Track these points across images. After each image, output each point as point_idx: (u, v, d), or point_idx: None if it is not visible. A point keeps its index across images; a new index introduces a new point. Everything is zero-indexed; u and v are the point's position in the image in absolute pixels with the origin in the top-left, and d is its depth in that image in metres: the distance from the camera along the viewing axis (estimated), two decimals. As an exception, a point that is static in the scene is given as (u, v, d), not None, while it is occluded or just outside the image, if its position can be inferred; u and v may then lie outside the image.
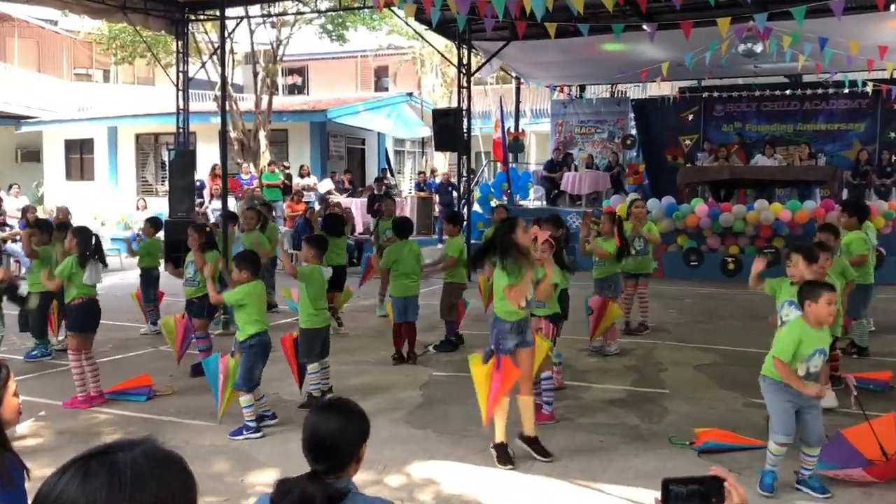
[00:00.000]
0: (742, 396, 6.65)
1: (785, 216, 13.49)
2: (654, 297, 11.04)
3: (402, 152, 28.12)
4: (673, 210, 14.35)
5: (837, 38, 13.51)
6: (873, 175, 16.05)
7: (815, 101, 18.15)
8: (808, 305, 4.56)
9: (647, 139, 19.66)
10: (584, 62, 17.66)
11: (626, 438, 5.75)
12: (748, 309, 10.70)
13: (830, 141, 17.89)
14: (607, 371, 7.76)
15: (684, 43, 13.75)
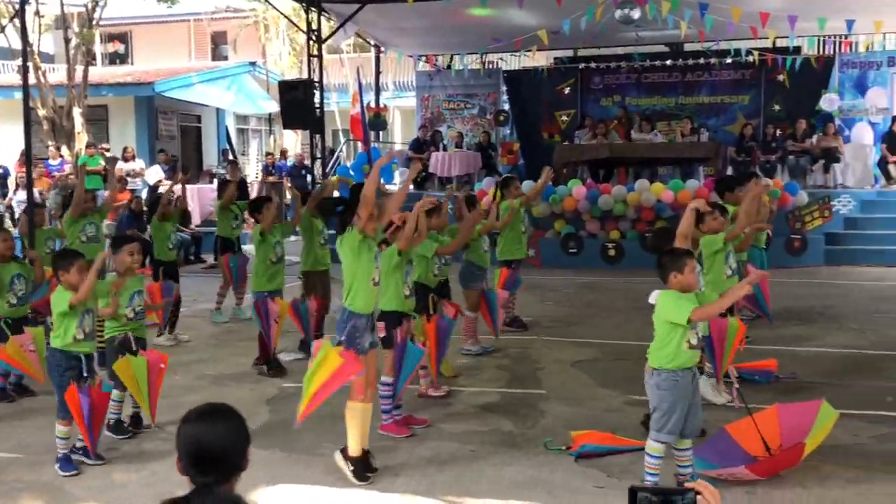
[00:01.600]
0: (622, 394, 6.91)
1: (667, 197, 14.08)
2: (530, 289, 11.34)
3: (245, 130, 27.55)
4: (549, 192, 14.71)
5: (718, 4, 14.21)
6: (758, 151, 16.99)
7: (697, 73, 19.04)
8: (674, 276, 4.77)
9: (522, 115, 20.09)
10: (450, 29, 17.82)
11: (500, 446, 5.86)
12: (631, 298, 11.11)
13: (714, 115, 18.81)
14: (479, 372, 7.88)
15: (557, 8, 14.14)
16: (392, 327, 5.98)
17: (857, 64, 17.96)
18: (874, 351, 8.47)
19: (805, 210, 14.24)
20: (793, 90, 17.85)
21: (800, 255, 14.08)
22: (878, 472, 5.21)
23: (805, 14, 14.66)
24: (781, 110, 18.10)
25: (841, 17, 15.11)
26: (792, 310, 10.23)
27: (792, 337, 8.99)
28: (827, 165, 16.43)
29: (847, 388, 7.14)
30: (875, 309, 10.58)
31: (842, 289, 12.12)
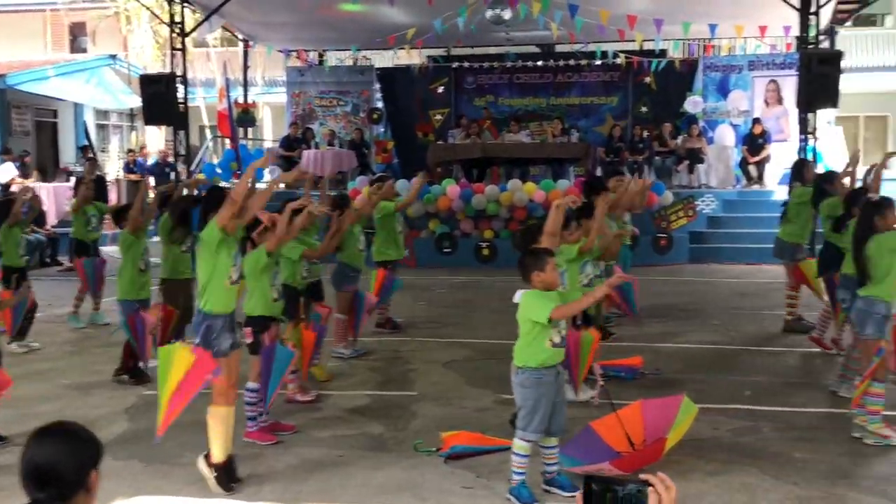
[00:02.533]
0: (493, 393, 7.01)
1: (539, 196, 14.37)
2: (404, 289, 11.33)
3: (106, 126, 26.59)
4: (424, 192, 14.77)
5: (588, 6, 14.59)
6: (626, 152, 17.54)
7: (568, 74, 19.51)
8: (537, 275, 4.88)
9: (396, 113, 20.13)
10: (321, 24, 17.70)
11: (369, 450, 5.86)
12: (504, 297, 11.22)
13: (584, 116, 19.33)
14: (350, 375, 7.85)
15: (430, 7, 14.24)
16: (259, 332, 5.89)
17: (720, 67, 18.77)
18: (734, 346, 8.89)
19: (670, 209, 14.78)
20: (659, 92, 18.52)
21: (665, 253, 14.62)
22: (735, 463, 5.46)
23: (671, 18, 15.24)
24: (648, 112, 18.75)
25: (704, 22, 15.81)
26: (657, 307, 10.61)
27: (657, 334, 9.33)
28: (691, 166, 17.12)
29: (709, 382, 7.46)
30: (735, 305, 11.09)
31: (705, 286, 12.66)
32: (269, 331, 5.95)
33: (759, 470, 5.35)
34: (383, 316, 9.67)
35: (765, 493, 5.02)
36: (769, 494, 5.00)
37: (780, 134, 17.69)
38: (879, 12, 26.83)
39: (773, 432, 6.14)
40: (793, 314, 9.44)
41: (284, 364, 6.01)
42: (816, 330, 8.53)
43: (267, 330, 5.93)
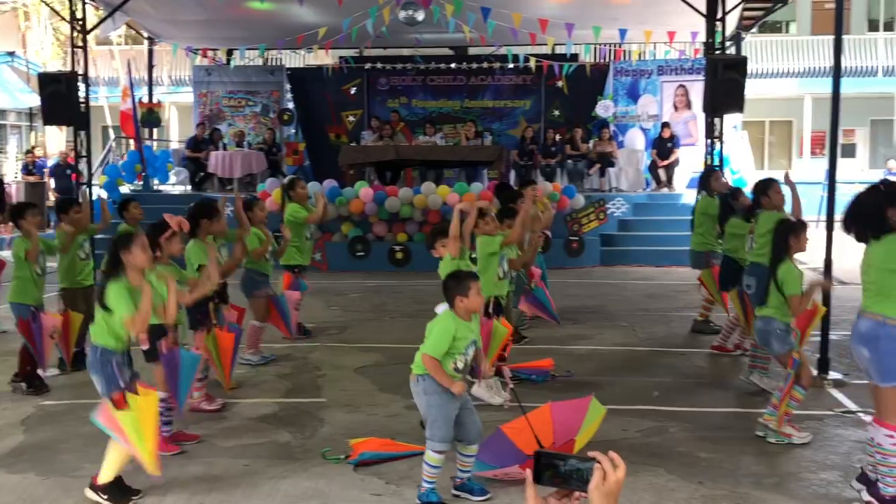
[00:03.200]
0: (404, 399, 6.96)
1: (453, 199, 14.38)
2: (316, 294, 11.26)
3: (3, 126, 25.71)
4: (336, 194, 14.69)
5: (500, 10, 14.71)
6: (539, 155, 17.73)
7: (481, 77, 19.64)
8: (460, 301, 4.87)
9: (307, 114, 19.96)
10: (229, 22, 17.43)
11: (276, 459, 5.77)
12: (417, 301, 11.28)
13: (497, 119, 19.49)
14: (258, 383, 7.73)
15: (340, 7, 14.16)
16: (157, 339, 5.75)
17: (630, 72, 19.14)
18: (643, 347, 9.06)
19: (582, 212, 14.99)
20: (571, 96, 18.80)
21: (577, 256, 14.83)
22: (643, 464, 5.55)
23: (581, 22, 15.47)
24: (561, 115, 19.01)
25: (614, 27, 16.08)
26: (569, 309, 10.73)
27: (568, 336, 9.44)
28: (602, 170, 17.41)
29: (618, 384, 7.58)
30: (645, 307, 11.30)
31: (615, 288, 12.88)
32: (167, 337, 5.81)
33: (666, 470, 5.45)
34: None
35: (671, 493, 5.11)
36: (675, 494, 5.10)
37: (688, 138, 18.13)
38: (784, 19, 27.81)
39: (680, 432, 6.26)
40: (704, 316, 9.67)
41: (191, 368, 5.90)
42: (719, 337, 8.75)
43: (163, 336, 5.79)
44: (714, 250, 9.35)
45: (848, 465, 5.48)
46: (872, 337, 4.67)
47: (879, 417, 4.74)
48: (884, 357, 4.62)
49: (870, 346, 4.68)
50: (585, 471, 1.81)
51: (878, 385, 4.71)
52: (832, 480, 5.31)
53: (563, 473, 1.83)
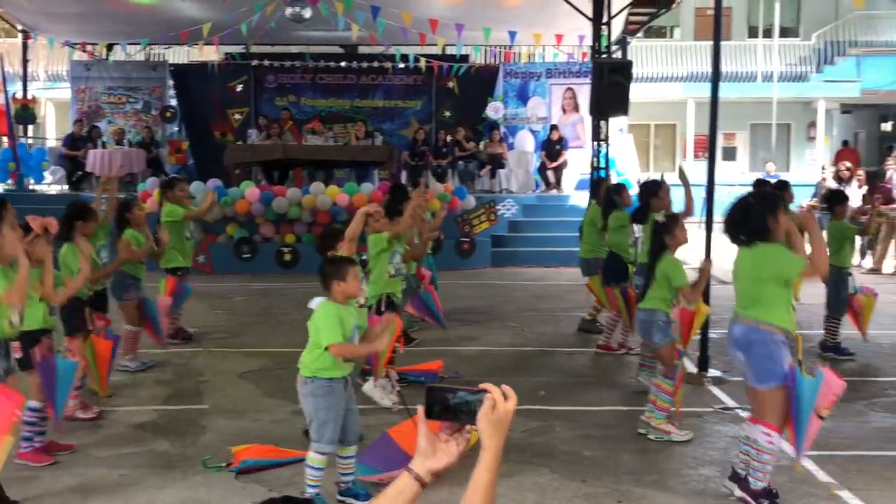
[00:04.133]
0: (289, 404, 6.88)
1: (342, 200, 14.33)
2: (199, 297, 11.03)
3: None
4: (221, 194, 14.41)
5: (390, 9, 14.72)
6: (430, 155, 17.80)
7: (371, 76, 19.58)
8: (337, 285, 4.85)
9: (191, 112, 19.51)
10: (109, 16, 16.95)
11: (154, 468, 5.62)
12: (305, 304, 11.13)
13: (388, 119, 19.46)
14: (136, 389, 7.52)
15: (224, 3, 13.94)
16: (29, 347, 5.53)
17: (520, 74, 19.40)
18: (531, 347, 9.20)
19: (473, 214, 15.08)
20: (462, 97, 18.94)
21: (468, 257, 14.95)
22: (527, 464, 5.63)
23: (471, 23, 15.61)
24: (451, 116, 19.11)
25: (504, 29, 16.28)
26: (459, 310, 10.83)
27: (458, 337, 9.51)
28: (493, 171, 17.59)
29: (507, 384, 7.64)
30: (533, 307, 11.48)
31: (505, 289, 13.03)
32: (41, 344, 5.60)
33: (550, 469, 5.54)
34: (174, 326, 9.30)
35: (554, 492, 5.20)
36: (558, 493, 5.20)
37: (576, 140, 18.49)
38: (668, 25, 28.64)
39: (565, 431, 6.38)
40: (592, 315, 9.87)
41: (69, 375, 5.71)
42: (603, 336, 8.96)
43: (37, 344, 5.58)
44: (602, 257, 9.57)
45: (726, 460, 5.67)
46: (747, 342, 4.84)
47: (757, 417, 4.91)
48: (759, 361, 4.80)
49: (745, 351, 4.86)
50: (474, 403, 1.81)
51: (755, 387, 4.89)
52: (710, 476, 5.49)
53: (452, 407, 1.83)
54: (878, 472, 5.56)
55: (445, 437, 1.86)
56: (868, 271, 14.61)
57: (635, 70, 16.27)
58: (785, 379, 4.73)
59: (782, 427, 4.83)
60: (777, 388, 4.75)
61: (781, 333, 4.78)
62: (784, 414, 4.79)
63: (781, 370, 4.73)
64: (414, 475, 1.84)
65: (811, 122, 28.07)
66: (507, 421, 1.80)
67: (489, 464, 1.80)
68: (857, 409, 6.90)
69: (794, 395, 4.70)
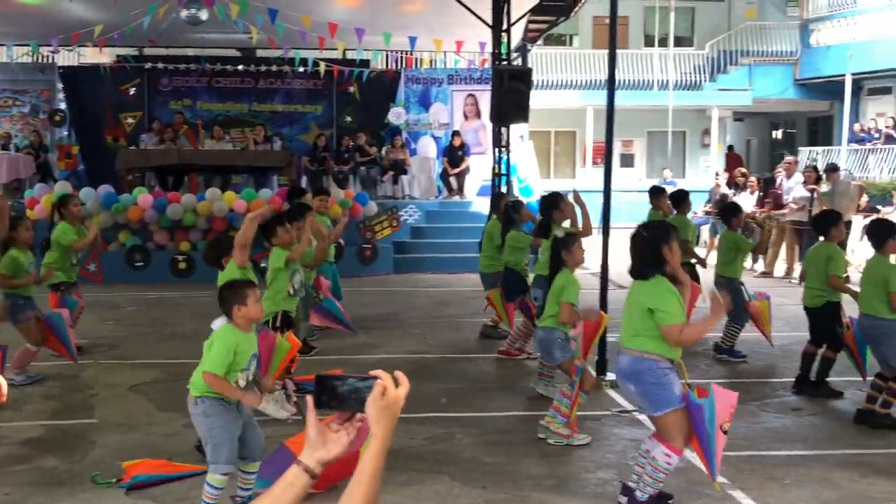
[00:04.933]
0: (182, 417, 6.69)
1: (240, 206, 14.09)
2: (89, 308, 10.67)
3: None
4: (112, 201, 14.03)
5: (289, 12, 14.57)
6: (331, 161, 17.69)
7: (270, 80, 19.33)
8: (238, 310, 4.74)
9: (81, 115, 18.95)
10: (-6, 16, 16.32)
11: (41, 486, 5.43)
12: (201, 313, 10.92)
13: (288, 123, 19.24)
14: (22, 404, 7.24)
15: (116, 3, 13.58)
16: None
17: (421, 80, 19.46)
18: (433, 354, 9.21)
19: (375, 220, 15.08)
20: (363, 102, 18.89)
21: (370, 264, 14.90)
22: (428, 472, 5.64)
23: (372, 28, 15.56)
24: (353, 122, 19.02)
25: (404, 34, 16.30)
26: (361, 318, 10.74)
27: (359, 345, 9.46)
28: (395, 177, 17.59)
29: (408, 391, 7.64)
30: (436, 314, 11.52)
31: (408, 296, 13.03)
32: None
33: (451, 477, 5.56)
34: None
35: (455, 500, 5.22)
36: (459, 500, 5.21)
37: (478, 147, 18.64)
38: (568, 33, 29.19)
39: (466, 438, 6.41)
40: (494, 322, 9.95)
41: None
42: (506, 342, 9.04)
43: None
44: (501, 271, 9.64)
45: (623, 463, 5.78)
46: (635, 372, 4.89)
47: (659, 437, 4.96)
48: (650, 389, 4.84)
49: (634, 381, 4.91)
50: (364, 389, 1.79)
51: (652, 415, 4.95)
52: (608, 479, 5.58)
53: (341, 395, 1.81)
54: (769, 471, 5.74)
55: (336, 426, 1.84)
56: (760, 275, 15.12)
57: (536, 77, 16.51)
58: (678, 402, 4.79)
59: (685, 447, 4.90)
60: (673, 412, 4.80)
61: (666, 361, 4.85)
62: (686, 433, 4.83)
63: (673, 394, 4.79)
64: (303, 467, 1.81)
65: (705, 130, 28.98)
66: (396, 407, 1.79)
67: (376, 451, 1.79)
68: (750, 409, 7.12)
69: (695, 420, 4.76)
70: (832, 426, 6.87)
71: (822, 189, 14.26)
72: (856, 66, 23.79)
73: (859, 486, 5.48)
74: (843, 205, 12.73)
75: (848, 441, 6.47)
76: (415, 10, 16.01)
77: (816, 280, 7.55)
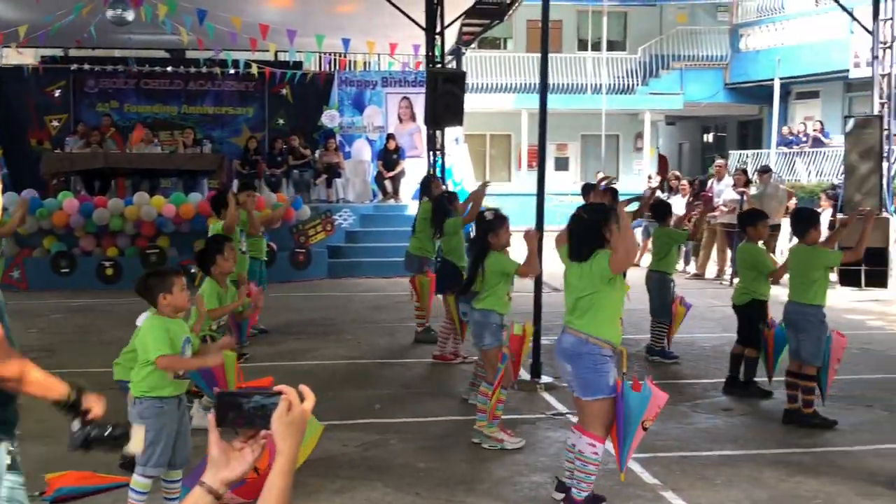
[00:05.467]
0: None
1: (169, 211, 13.89)
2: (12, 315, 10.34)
3: None
4: (37, 206, 13.70)
5: (218, 13, 14.41)
6: (263, 164, 17.53)
7: (200, 82, 19.07)
8: (163, 298, 4.67)
9: (4, 118, 18.44)
10: None
11: (-44, 503, 5.25)
12: (129, 321, 10.70)
13: (219, 126, 19.00)
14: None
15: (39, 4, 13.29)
16: None
17: (355, 82, 19.37)
18: (366, 360, 9.17)
19: (308, 224, 14.98)
20: (296, 105, 18.74)
21: (304, 268, 14.79)
22: (361, 479, 5.60)
23: (304, 29, 15.47)
24: (285, 124, 18.86)
25: (338, 36, 16.23)
26: (293, 323, 10.70)
27: (291, 351, 9.38)
28: (329, 180, 17.50)
29: (340, 398, 7.60)
30: (370, 319, 11.47)
31: (342, 301, 12.97)
32: None
33: (384, 483, 5.53)
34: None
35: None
36: (392, 507, 5.19)
37: (413, 150, 18.62)
38: (502, 36, 29.34)
39: (400, 444, 6.38)
40: (422, 325, 9.94)
41: None
42: (438, 346, 9.04)
43: None
44: (429, 257, 9.66)
45: (557, 465, 5.80)
46: (575, 353, 4.94)
47: (582, 426, 5.02)
48: (585, 373, 4.90)
49: (573, 362, 4.96)
50: (269, 406, 1.76)
51: (580, 398, 5.00)
52: (542, 482, 5.61)
53: (246, 412, 1.77)
54: (699, 471, 5.82)
55: (239, 444, 1.81)
56: (692, 276, 15.39)
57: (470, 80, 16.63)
58: (610, 392, 4.86)
59: (606, 437, 4.96)
60: (602, 400, 4.86)
61: (608, 348, 4.91)
62: (609, 424, 4.91)
63: (606, 383, 4.86)
64: (206, 487, 1.78)
65: (638, 133, 29.39)
66: (302, 422, 1.78)
67: (283, 468, 1.76)
68: (682, 410, 7.23)
69: (621, 411, 4.82)
70: (761, 426, 7.00)
71: (752, 192, 14.56)
72: (784, 71, 24.40)
73: (788, 486, 5.59)
74: (771, 207, 13.00)
75: (777, 440, 6.60)
76: (348, 11, 15.95)
77: (744, 279, 7.73)
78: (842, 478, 5.69)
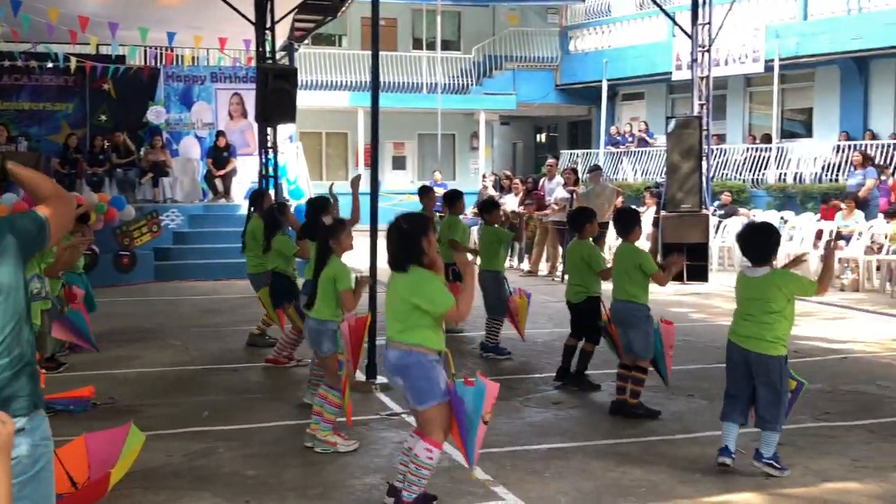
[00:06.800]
0: None
1: (-21, 213, 13.09)
2: None
3: None
4: None
5: (34, 3, 13.67)
6: (84, 163, 16.77)
7: (15, 76, 18.05)
8: None
9: None
10: None
11: None
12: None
13: (36, 123, 18.05)
14: None
15: None
16: None
17: (183, 77, 18.81)
18: (195, 366, 8.90)
19: (133, 225, 14.47)
20: (120, 100, 18.02)
21: (129, 271, 14.28)
22: (186, 490, 5.42)
23: (127, 22, 14.90)
24: (108, 121, 18.12)
25: (162, 29, 15.70)
26: (116, 330, 10.27)
27: (113, 359, 8.99)
28: (155, 179, 16.93)
29: (166, 406, 7.35)
30: (200, 323, 11.17)
31: (169, 305, 12.57)
32: None
33: (212, 493, 5.37)
34: None
35: (215, 517, 5.05)
36: (219, 518, 5.05)
37: (245, 148, 18.23)
38: (337, 33, 29.18)
39: (228, 452, 6.22)
40: (261, 329, 9.75)
41: None
42: (274, 350, 8.89)
43: None
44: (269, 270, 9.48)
45: (391, 466, 5.79)
46: (402, 366, 4.93)
47: (422, 432, 5.01)
48: (417, 382, 4.90)
49: (402, 375, 4.95)
50: None
51: (416, 408, 5.01)
52: (375, 484, 5.58)
53: None
54: (530, 465, 5.95)
55: None
56: (525, 273, 15.75)
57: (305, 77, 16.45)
58: (443, 396, 4.89)
59: (444, 441, 4.99)
60: (437, 406, 4.89)
61: (434, 353, 4.93)
62: (446, 428, 4.94)
63: (439, 389, 4.88)
64: None
65: (474, 133, 29.90)
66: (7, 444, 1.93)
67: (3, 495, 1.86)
68: (514, 405, 7.37)
69: (459, 409, 4.86)
70: (590, 418, 7.23)
71: (581, 190, 15.04)
72: (611, 73, 25.35)
73: (614, 475, 5.78)
74: (599, 205, 13.44)
75: (604, 432, 6.83)
76: (172, 4, 15.45)
77: (577, 276, 7.92)
78: (664, 465, 5.94)
